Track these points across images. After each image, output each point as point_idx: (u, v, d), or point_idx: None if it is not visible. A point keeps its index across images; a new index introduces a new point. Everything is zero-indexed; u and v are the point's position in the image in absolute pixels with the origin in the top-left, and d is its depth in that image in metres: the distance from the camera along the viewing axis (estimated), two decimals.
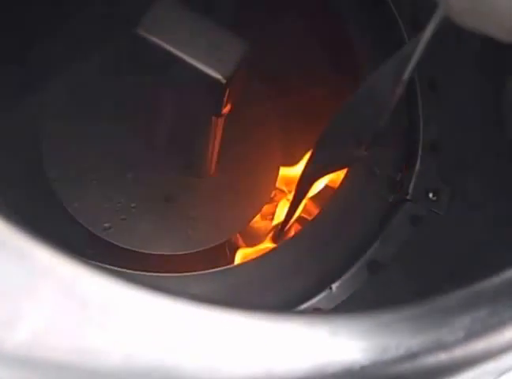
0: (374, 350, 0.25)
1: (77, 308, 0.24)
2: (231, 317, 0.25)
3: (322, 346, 0.25)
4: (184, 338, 0.24)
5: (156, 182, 0.69)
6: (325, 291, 0.52)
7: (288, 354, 0.24)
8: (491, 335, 0.27)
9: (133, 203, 0.68)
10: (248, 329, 0.25)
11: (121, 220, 0.67)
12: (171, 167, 0.69)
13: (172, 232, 0.67)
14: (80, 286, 0.24)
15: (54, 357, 0.23)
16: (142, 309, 0.25)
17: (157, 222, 0.67)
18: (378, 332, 0.26)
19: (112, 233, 0.66)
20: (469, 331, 0.27)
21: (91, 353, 0.23)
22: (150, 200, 0.68)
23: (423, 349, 0.26)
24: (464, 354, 0.26)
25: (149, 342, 0.24)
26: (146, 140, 0.68)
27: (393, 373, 0.25)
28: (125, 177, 0.69)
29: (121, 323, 0.24)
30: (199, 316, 0.25)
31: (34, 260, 0.24)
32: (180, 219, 0.68)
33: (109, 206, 0.67)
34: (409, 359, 0.25)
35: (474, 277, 0.40)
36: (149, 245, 0.66)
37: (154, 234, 0.67)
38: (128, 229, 0.67)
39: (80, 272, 0.24)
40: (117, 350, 0.23)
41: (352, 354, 0.25)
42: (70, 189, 0.67)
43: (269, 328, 0.25)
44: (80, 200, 0.67)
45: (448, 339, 0.26)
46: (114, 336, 0.23)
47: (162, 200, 0.69)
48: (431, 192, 0.59)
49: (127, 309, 0.24)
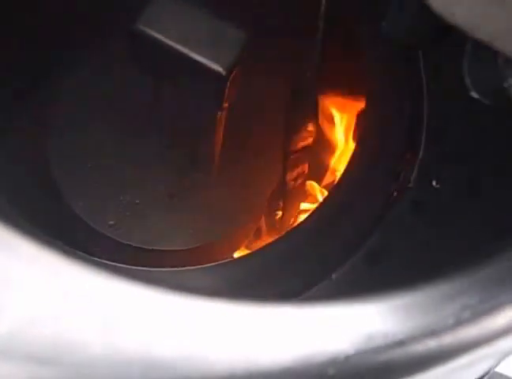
0: (360, 339, 0.24)
1: (59, 299, 0.23)
2: (214, 305, 0.24)
3: (307, 335, 0.24)
4: (168, 328, 0.24)
5: (159, 179, 0.69)
6: (325, 281, 0.52)
7: (271, 344, 0.24)
8: (481, 321, 0.27)
9: (137, 200, 0.68)
10: (232, 318, 0.24)
11: (125, 217, 0.67)
12: (174, 164, 0.69)
13: (176, 228, 0.68)
14: (64, 277, 0.24)
15: (35, 349, 0.22)
16: (128, 301, 0.24)
17: (161, 218, 0.68)
18: (364, 321, 0.25)
19: (117, 230, 0.66)
20: (459, 318, 0.26)
21: (72, 345, 0.23)
22: (154, 197, 0.68)
23: (411, 337, 0.25)
24: (454, 341, 0.26)
25: (132, 333, 0.23)
26: (150, 136, 0.69)
27: (380, 361, 0.25)
28: (129, 174, 0.69)
29: (105, 314, 0.24)
30: (182, 305, 0.24)
31: (17, 251, 0.24)
32: (184, 215, 0.68)
33: (113, 203, 0.68)
34: (397, 347, 0.25)
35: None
36: (153, 241, 0.66)
37: (158, 230, 0.67)
38: (132, 226, 0.67)
39: (65, 264, 0.24)
40: (98, 341, 0.23)
41: (338, 343, 0.24)
42: (75, 187, 0.68)
43: (253, 317, 0.25)
44: (85, 199, 0.67)
45: (437, 326, 0.26)
46: (98, 328, 0.23)
47: (166, 197, 0.69)
48: (433, 179, 0.59)
49: (112, 300, 0.24)
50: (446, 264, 0.51)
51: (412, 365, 0.26)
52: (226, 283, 0.52)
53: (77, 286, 0.24)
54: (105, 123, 0.70)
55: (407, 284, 0.48)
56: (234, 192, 0.70)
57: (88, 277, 0.24)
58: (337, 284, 0.52)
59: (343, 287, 0.53)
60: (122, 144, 0.69)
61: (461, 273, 0.28)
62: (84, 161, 0.69)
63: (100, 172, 0.69)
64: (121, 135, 0.70)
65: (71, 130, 0.70)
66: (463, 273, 0.28)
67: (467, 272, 0.28)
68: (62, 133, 0.69)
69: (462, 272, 0.28)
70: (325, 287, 0.52)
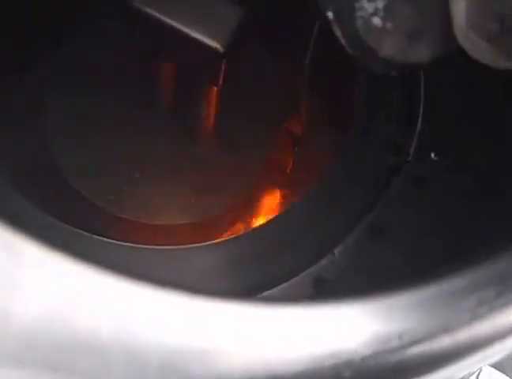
0: (377, 340, 0.24)
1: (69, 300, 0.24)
2: (224, 306, 0.25)
3: (321, 337, 0.24)
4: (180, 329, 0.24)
5: (158, 153, 0.69)
6: (327, 257, 0.53)
7: (285, 346, 0.24)
8: (497, 316, 0.26)
9: (136, 174, 0.68)
10: (245, 320, 0.24)
11: (125, 192, 0.67)
12: (173, 138, 0.69)
13: (177, 202, 0.68)
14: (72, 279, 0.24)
15: (46, 352, 0.23)
16: (140, 301, 0.24)
17: (161, 192, 0.68)
18: (379, 321, 0.25)
19: (117, 205, 0.67)
20: (475, 313, 0.26)
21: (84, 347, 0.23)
22: (154, 171, 0.69)
23: (426, 335, 0.25)
24: (469, 338, 0.26)
25: (146, 334, 0.24)
26: (148, 111, 0.68)
27: (395, 361, 0.25)
28: (127, 149, 0.69)
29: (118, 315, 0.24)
30: (197, 308, 0.25)
31: (22, 254, 0.24)
32: (184, 189, 0.69)
33: (113, 178, 0.68)
34: (412, 346, 0.25)
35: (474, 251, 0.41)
36: (153, 215, 0.66)
37: (158, 204, 0.67)
38: (132, 200, 0.67)
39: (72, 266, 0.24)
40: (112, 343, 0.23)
41: (353, 345, 0.24)
42: (74, 163, 0.67)
43: (266, 319, 0.25)
44: (84, 174, 0.67)
45: (452, 323, 0.26)
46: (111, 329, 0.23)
47: (165, 171, 0.69)
48: (432, 152, 0.59)
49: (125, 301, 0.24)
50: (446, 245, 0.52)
51: (427, 364, 0.26)
52: (227, 260, 0.53)
53: (86, 288, 0.24)
54: (103, 98, 0.69)
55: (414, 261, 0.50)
56: (234, 165, 0.70)
57: (96, 278, 0.25)
58: (341, 260, 0.53)
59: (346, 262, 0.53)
60: (120, 119, 0.69)
61: (476, 266, 0.28)
62: (83, 136, 0.69)
63: (99, 148, 0.68)
64: (120, 110, 0.69)
65: (70, 106, 0.69)
66: (478, 266, 0.28)
67: (481, 264, 0.28)
68: (61, 108, 0.69)
69: (477, 265, 0.28)
70: (328, 263, 0.53)
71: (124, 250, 0.52)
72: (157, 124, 0.69)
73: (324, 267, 0.52)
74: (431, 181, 0.58)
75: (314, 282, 0.52)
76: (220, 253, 0.54)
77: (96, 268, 0.25)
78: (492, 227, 0.54)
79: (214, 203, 0.68)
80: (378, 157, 0.59)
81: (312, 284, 0.52)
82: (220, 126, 0.68)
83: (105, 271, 0.25)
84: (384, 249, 0.54)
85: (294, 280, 0.52)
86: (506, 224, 0.51)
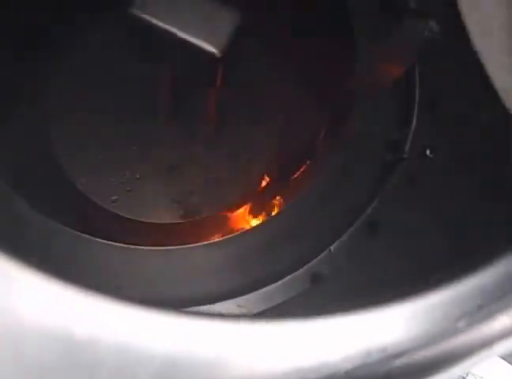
0: (360, 354, 0.25)
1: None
2: (220, 324, 0.25)
3: (305, 351, 0.25)
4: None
5: (159, 154, 0.71)
6: (324, 253, 0.54)
7: (269, 359, 0.25)
8: (478, 328, 0.27)
9: (137, 175, 0.69)
10: (230, 333, 0.25)
11: (127, 192, 0.69)
12: (172, 139, 0.71)
13: (177, 201, 0.69)
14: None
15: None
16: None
17: (162, 192, 0.69)
18: (364, 333, 0.26)
19: (119, 205, 0.68)
20: (457, 326, 0.27)
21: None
22: (154, 171, 0.70)
23: (409, 348, 0.26)
24: (451, 349, 0.27)
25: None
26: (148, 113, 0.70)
27: (379, 373, 0.25)
28: (129, 150, 0.70)
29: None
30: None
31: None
32: (184, 188, 0.70)
33: (115, 179, 0.69)
34: (395, 359, 0.25)
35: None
36: (155, 214, 0.68)
37: (159, 203, 0.69)
38: (134, 200, 0.69)
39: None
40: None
41: (337, 358, 0.25)
42: (76, 164, 0.69)
43: (250, 332, 0.25)
44: (87, 175, 0.68)
45: (435, 335, 0.26)
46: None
47: (166, 171, 0.70)
48: (427, 149, 0.59)
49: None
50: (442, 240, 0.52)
51: (410, 375, 0.26)
52: (227, 258, 0.54)
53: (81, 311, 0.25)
54: (104, 100, 0.70)
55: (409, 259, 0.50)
56: (233, 166, 0.71)
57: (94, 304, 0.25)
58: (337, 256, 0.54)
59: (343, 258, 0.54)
60: (121, 121, 0.70)
61: (459, 280, 0.29)
62: (85, 138, 0.70)
63: (101, 149, 0.70)
64: (119, 112, 0.70)
65: (73, 109, 0.70)
66: (460, 280, 0.29)
67: (464, 278, 0.29)
68: (64, 111, 0.70)
69: (460, 279, 0.29)
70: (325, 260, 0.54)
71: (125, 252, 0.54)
72: (157, 126, 0.70)
73: (321, 263, 0.54)
74: (427, 178, 0.58)
75: (311, 277, 0.53)
76: (220, 251, 0.55)
77: (86, 291, 0.25)
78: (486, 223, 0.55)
79: (214, 202, 0.69)
80: (374, 154, 0.60)
81: (309, 280, 0.53)
82: (219, 128, 0.69)
83: (94, 294, 0.26)
84: (380, 245, 0.55)
85: (292, 276, 0.53)
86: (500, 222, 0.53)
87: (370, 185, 0.59)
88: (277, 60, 0.73)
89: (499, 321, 0.28)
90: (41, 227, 0.53)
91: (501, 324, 0.28)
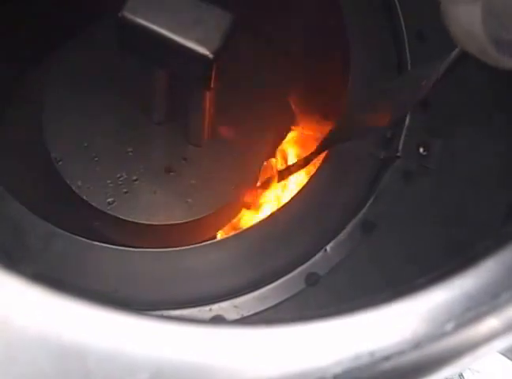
0: (348, 358, 0.25)
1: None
2: (203, 330, 0.25)
3: (293, 355, 0.25)
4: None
5: (155, 155, 0.71)
6: (320, 253, 0.54)
7: (257, 364, 0.25)
8: (464, 331, 0.27)
9: (134, 176, 0.70)
10: (218, 338, 0.25)
11: (124, 194, 0.69)
12: (168, 140, 0.71)
13: (175, 202, 0.69)
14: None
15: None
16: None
17: (159, 193, 0.70)
18: (352, 337, 0.26)
19: (116, 207, 0.68)
20: (444, 329, 0.27)
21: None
22: (151, 173, 0.70)
23: (396, 351, 0.26)
24: (439, 353, 0.27)
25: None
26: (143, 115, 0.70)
27: (366, 377, 0.25)
28: (125, 152, 0.70)
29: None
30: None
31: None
32: (180, 189, 0.70)
33: (111, 181, 0.69)
34: (383, 362, 0.26)
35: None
36: (152, 216, 0.68)
37: (156, 205, 0.69)
38: (131, 202, 0.69)
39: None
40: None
41: (325, 362, 0.25)
42: (72, 167, 0.69)
43: (238, 337, 0.26)
44: (83, 178, 0.69)
45: (422, 338, 0.26)
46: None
47: (162, 172, 0.71)
48: (421, 146, 0.60)
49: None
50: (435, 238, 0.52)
51: (398, 378, 0.27)
52: (223, 260, 0.55)
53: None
54: (99, 103, 0.71)
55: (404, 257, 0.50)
56: (229, 164, 0.71)
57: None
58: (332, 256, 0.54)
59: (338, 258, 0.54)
60: (116, 122, 0.71)
61: (447, 283, 0.29)
62: (81, 140, 0.70)
63: (97, 151, 0.70)
64: (117, 114, 0.71)
65: (68, 111, 0.71)
66: (448, 283, 0.29)
67: (451, 281, 0.29)
68: (59, 114, 0.71)
69: (447, 282, 0.29)
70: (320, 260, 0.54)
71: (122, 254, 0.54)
72: (153, 127, 0.71)
73: (316, 263, 0.54)
74: (421, 176, 0.59)
75: (306, 278, 0.53)
76: (216, 252, 0.55)
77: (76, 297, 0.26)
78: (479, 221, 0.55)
79: (211, 203, 0.70)
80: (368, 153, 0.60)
81: (305, 280, 0.53)
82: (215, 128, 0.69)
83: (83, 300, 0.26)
84: (375, 244, 0.55)
85: (287, 277, 0.53)
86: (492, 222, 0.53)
87: (364, 184, 0.59)
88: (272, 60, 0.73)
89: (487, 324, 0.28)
90: (36, 230, 0.53)
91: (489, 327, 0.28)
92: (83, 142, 0.70)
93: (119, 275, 0.53)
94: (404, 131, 0.60)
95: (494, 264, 0.29)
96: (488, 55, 0.33)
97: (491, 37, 0.31)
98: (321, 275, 0.53)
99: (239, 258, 0.55)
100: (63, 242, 0.53)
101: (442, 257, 0.52)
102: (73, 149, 0.70)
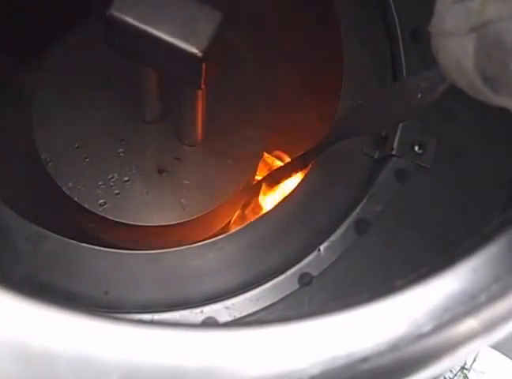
0: (325, 359, 0.25)
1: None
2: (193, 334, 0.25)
3: (270, 357, 0.25)
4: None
5: (147, 155, 0.70)
6: (313, 253, 0.53)
7: (235, 366, 0.24)
8: (443, 332, 0.27)
9: (126, 177, 0.69)
10: (200, 340, 0.25)
11: (115, 195, 0.68)
12: (160, 140, 0.70)
13: (166, 203, 0.69)
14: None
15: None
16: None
17: (151, 194, 0.69)
18: (329, 338, 0.26)
19: (108, 208, 0.68)
20: (421, 330, 0.26)
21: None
22: (143, 173, 0.69)
23: (373, 353, 0.26)
24: (417, 353, 0.26)
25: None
26: (135, 114, 0.69)
27: (345, 378, 0.25)
28: (116, 152, 0.70)
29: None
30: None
31: None
32: (173, 189, 0.69)
33: (103, 182, 0.68)
34: (361, 364, 0.25)
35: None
36: (144, 217, 0.67)
37: (148, 206, 0.68)
38: (123, 203, 0.68)
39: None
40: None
41: (303, 364, 0.25)
42: (63, 168, 0.68)
43: (216, 339, 0.25)
44: (74, 179, 0.68)
45: (401, 340, 0.26)
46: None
47: (154, 172, 0.70)
48: (416, 145, 0.59)
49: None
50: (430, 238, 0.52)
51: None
52: (215, 260, 0.54)
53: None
54: (89, 103, 0.70)
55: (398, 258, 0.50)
56: (222, 164, 0.71)
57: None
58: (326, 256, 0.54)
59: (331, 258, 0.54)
60: (108, 123, 0.70)
61: (423, 284, 0.28)
62: (71, 141, 0.69)
63: (88, 151, 0.69)
64: (108, 114, 0.70)
65: (58, 112, 0.70)
66: (424, 284, 0.28)
67: (430, 281, 0.28)
68: (49, 115, 0.70)
69: (424, 283, 0.28)
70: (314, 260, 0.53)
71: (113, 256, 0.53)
72: (144, 128, 0.70)
73: (309, 263, 0.53)
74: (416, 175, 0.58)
75: (299, 278, 0.52)
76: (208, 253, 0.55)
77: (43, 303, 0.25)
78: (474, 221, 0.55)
79: (204, 203, 0.69)
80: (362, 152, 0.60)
81: (298, 280, 0.52)
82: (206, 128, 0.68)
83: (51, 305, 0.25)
84: (369, 244, 0.55)
85: (280, 277, 0.53)
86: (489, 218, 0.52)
87: (358, 184, 0.58)
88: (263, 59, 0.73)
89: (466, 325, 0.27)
90: (26, 232, 0.53)
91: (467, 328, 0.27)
92: (74, 143, 0.69)
93: (110, 277, 0.53)
94: (399, 129, 0.59)
95: (472, 265, 0.29)
96: (478, 91, 0.32)
97: (481, 73, 0.30)
98: (315, 275, 0.53)
99: (231, 259, 0.55)
100: (52, 245, 0.52)
101: (436, 258, 0.51)
102: (63, 150, 0.69)
